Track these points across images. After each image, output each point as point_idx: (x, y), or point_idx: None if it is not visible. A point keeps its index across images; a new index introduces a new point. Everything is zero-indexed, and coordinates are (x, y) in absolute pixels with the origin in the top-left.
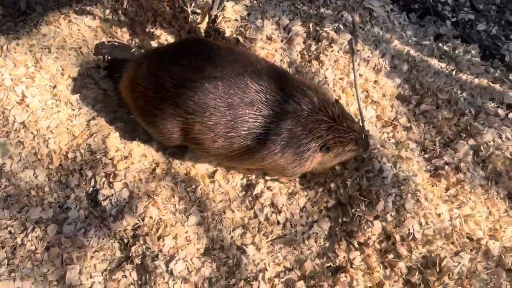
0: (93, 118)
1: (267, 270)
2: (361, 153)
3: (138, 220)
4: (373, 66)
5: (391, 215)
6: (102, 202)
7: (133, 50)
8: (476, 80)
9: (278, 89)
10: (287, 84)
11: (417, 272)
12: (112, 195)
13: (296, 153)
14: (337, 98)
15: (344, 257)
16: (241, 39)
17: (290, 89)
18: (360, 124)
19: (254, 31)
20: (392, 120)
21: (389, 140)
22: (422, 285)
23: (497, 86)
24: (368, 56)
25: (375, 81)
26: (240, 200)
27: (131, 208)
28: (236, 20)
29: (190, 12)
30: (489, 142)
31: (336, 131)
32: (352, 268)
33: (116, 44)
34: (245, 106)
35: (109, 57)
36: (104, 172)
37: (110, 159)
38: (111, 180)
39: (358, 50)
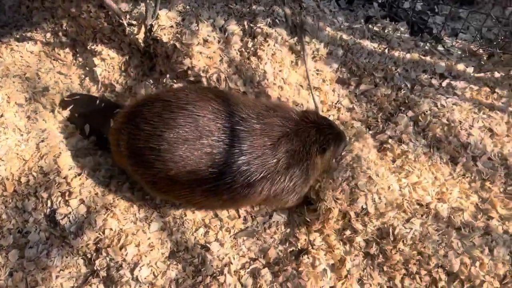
0: (42, 140)
1: (232, 263)
2: (346, 145)
3: (99, 234)
4: (311, 55)
5: (345, 195)
6: (61, 221)
7: (97, 102)
8: (408, 55)
9: (257, 121)
10: (262, 113)
11: (374, 243)
12: (70, 213)
13: (303, 168)
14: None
15: (305, 239)
16: (178, 45)
17: (268, 117)
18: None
19: (190, 36)
20: (335, 103)
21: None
22: (380, 255)
23: (428, 58)
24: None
25: (314, 69)
26: None
27: (90, 223)
28: (172, 26)
29: (126, 25)
30: (427, 111)
31: (324, 131)
32: (314, 249)
33: (77, 97)
34: (230, 152)
35: (76, 114)
36: (59, 192)
37: (64, 177)
38: (67, 198)
39: (307, 42)
